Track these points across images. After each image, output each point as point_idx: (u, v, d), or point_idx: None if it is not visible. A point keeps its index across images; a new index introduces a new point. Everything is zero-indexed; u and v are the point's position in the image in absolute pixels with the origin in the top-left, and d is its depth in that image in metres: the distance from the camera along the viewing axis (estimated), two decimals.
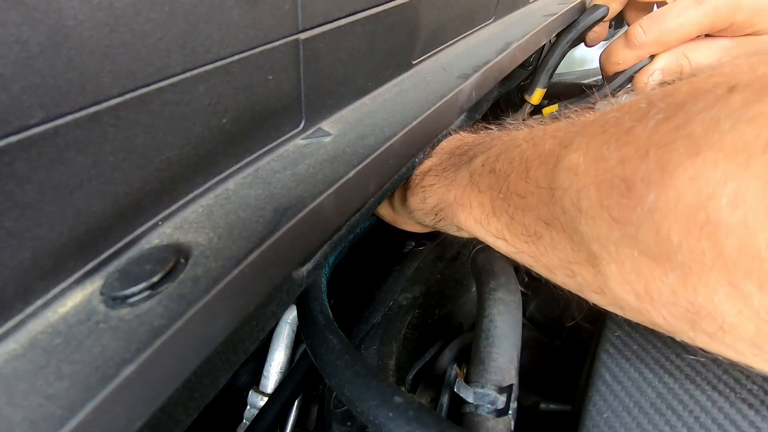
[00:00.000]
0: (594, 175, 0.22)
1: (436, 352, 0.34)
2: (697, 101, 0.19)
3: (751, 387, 0.25)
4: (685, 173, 0.18)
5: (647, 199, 0.19)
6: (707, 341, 0.21)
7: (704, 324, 0.20)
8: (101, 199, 0.16)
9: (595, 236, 0.22)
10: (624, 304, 0.23)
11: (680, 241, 0.18)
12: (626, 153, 0.21)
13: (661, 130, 0.19)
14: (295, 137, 0.26)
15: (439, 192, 0.36)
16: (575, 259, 0.25)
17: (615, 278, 0.22)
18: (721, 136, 0.17)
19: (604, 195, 0.21)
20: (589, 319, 0.39)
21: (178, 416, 0.19)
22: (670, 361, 0.27)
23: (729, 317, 0.18)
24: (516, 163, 0.29)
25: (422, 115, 0.30)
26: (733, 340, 0.19)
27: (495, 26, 0.49)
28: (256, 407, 0.44)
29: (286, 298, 0.25)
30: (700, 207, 0.17)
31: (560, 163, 0.24)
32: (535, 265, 0.29)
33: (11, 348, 0.15)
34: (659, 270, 0.20)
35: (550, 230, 0.26)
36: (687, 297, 0.19)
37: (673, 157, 0.18)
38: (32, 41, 0.13)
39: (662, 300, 0.21)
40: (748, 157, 0.16)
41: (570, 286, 0.27)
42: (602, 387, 0.27)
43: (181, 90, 0.18)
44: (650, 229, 0.19)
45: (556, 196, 0.24)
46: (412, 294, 0.44)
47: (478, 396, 0.26)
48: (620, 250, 0.21)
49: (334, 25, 0.25)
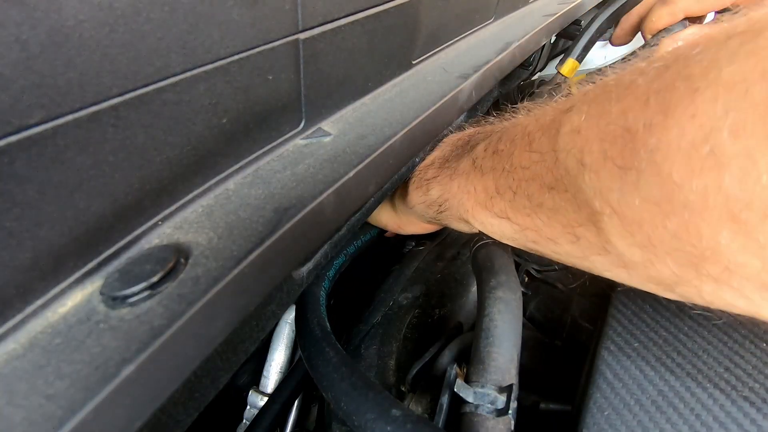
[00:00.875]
0: (596, 130, 0.22)
1: (436, 352, 0.34)
2: (695, 48, 0.19)
3: (753, 385, 0.25)
4: (686, 112, 0.18)
5: (650, 142, 0.19)
6: (714, 289, 0.21)
7: (709, 267, 0.20)
8: (101, 199, 0.16)
9: (597, 190, 0.23)
10: (627, 260, 0.24)
11: (683, 180, 0.18)
12: (627, 103, 0.21)
13: (661, 77, 0.20)
14: (295, 137, 0.26)
15: (441, 183, 0.36)
16: (577, 221, 0.25)
17: (617, 232, 0.23)
18: (719, 71, 0.17)
19: (608, 146, 0.22)
20: (589, 318, 0.39)
21: (178, 416, 0.19)
22: (671, 359, 0.27)
23: (734, 255, 0.18)
24: (518, 139, 0.29)
25: (422, 115, 0.30)
26: (740, 281, 0.19)
27: (495, 26, 0.49)
28: (256, 407, 0.44)
29: (287, 298, 0.25)
30: (703, 142, 0.17)
31: (562, 127, 0.25)
32: (538, 239, 0.29)
33: (11, 348, 0.15)
34: (661, 215, 0.20)
35: (553, 195, 0.26)
36: (690, 240, 0.19)
37: (673, 99, 0.19)
38: (32, 41, 0.13)
39: (665, 247, 0.21)
40: (747, 87, 0.16)
41: (572, 254, 0.28)
42: (603, 385, 0.27)
43: (181, 90, 0.18)
44: (653, 172, 0.19)
45: (560, 159, 0.25)
46: (412, 294, 0.44)
47: (478, 396, 0.26)
48: (622, 200, 0.21)
49: (334, 25, 0.25)
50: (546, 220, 0.28)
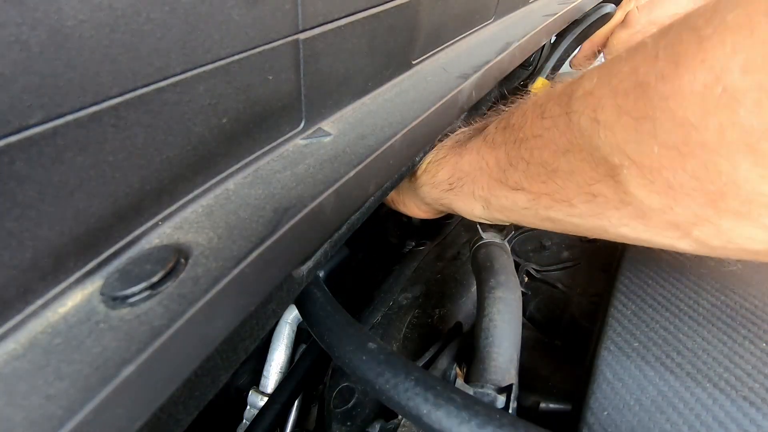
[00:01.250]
0: (609, 89, 0.23)
1: (436, 352, 0.34)
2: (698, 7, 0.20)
3: (752, 385, 0.25)
4: (695, 58, 0.19)
5: (662, 90, 0.20)
6: (733, 224, 0.22)
7: (729, 201, 0.21)
8: (101, 199, 0.16)
9: (614, 145, 0.23)
10: (646, 208, 0.24)
11: (698, 121, 0.19)
12: (637, 61, 0.22)
13: (668, 34, 0.21)
14: (295, 137, 0.26)
15: (451, 162, 0.37)
16: (594, 179, 0.26)
17: (636, 182, 0.23)
18: (723, 17, 0.18)
19: (621, 101, 0.22)
20: (588, 318, 0.39)
21: (178, 416, 0.19)
22: (671, 358, 0.27)
23: (753, 186, 0.19)
24: (530, 112, 0.30)
25: (422, 115, 0.30)
26: (761, 210, 0.20)
27: (495, 26, 0.49)
28: (256, 407, 0.44)
29: (287, 297, 0.25)
30: (715, 82, 0.18)
31: (575, 93, 0.26)
32: (552, 204, 0.30)
33: (11, 348, 0.15)
34: (679, 158, 0.21)
35: (568, 157, 0.27)
36: (710, 177, 0.20)
37: (682, 49, 0.20)
38: (32, 41, 0.13)
39: (685, 189, 0.21)
40: (752, 27, 0.17)
41: (588, 213, 0.28)
42: (603, 384, 0.27)
43: (181, 90, 0.18)
44: (668, 118, 0.20)
45: (573, 121, 0.26)
46: (412, 294, 0.44)
47: (478, 395, 0.26)
48: (640, 149, 0.22)
49: (334, 25, 0.25)
50: (562, 183, 0.28)
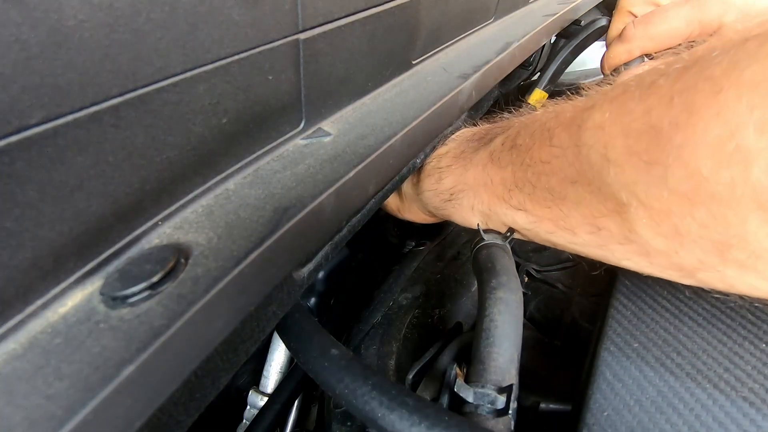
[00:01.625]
0: (620, 127, 0.23)
1: (436, 352, 0.34)
2: (713, 51, 0.20)
3: (752, 385, 0.25)
4: (710, 110, 0.19)
5: (676, 138, 0.20)
6: (737, 273, 0.22)
7: (735, 253, 0.21)
8: (101, 199, 0.16)
9: (624, 183, 0.23)
10: (651, 248, 0.24)
11: (710, 173, 0.19)
12: (651, 103, 0.22)
13: (683, 78, 0.21)
14: (295, 137, 0.26)
15: (456, 173, 0.36)
16: (601, 212, 0.26)
17: (644, 222, 0.23)
18: (741, 73, 0.18)
19: (633, 143, 0.22)
20: (589, 319, 0.39)
21: (178, 416, 0.19)
22: (671, 359, 0.27)
23: (760, 241, 0.19)
24: (538, 134, 0.30)
25: (422, 115, 0.30)
26: (765, 264, 0.20)
27: (495, 26, 0.49)
28: (256, 407, 0.44)
29: (287, 298, 0.25)
30: (729, 137, 0.18)
31: (585, 123, 0.25)
32: (554, 230, 0.30)
33: (11, 348, 0.15)
34: (689, 206, 0.21)
35: (576, 188, 0.27)
36: (717, 229, 0.20)
37: (697, 99, 0.20)
38: (32, 41, 0.13)
39: (692, 236, 0.22)
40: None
41: (590, 244, 0.28)
42: (603, 385, 0.27)
43: (181, 90, 0.18)
44: (680, 166, 0.20)
45: (582, 153, 0.25)
46: (412, 294, 0.44)
47: (478, 396, 0.26)
48: (649, 193, 0.22)
49: (334, 25, 0.25)
50: (567, 211, 0.28)
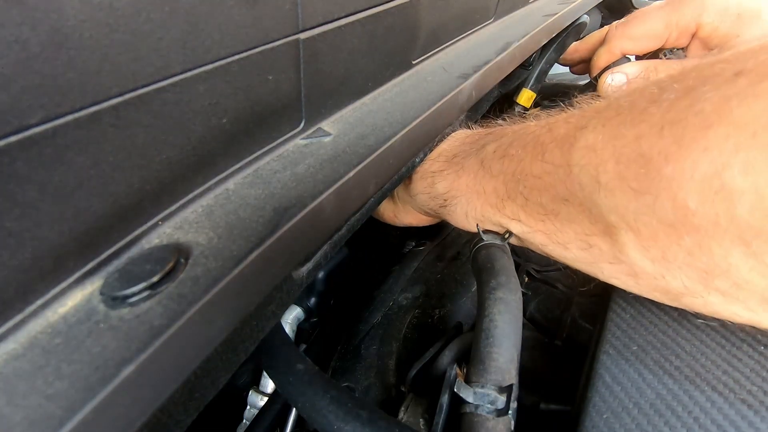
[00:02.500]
0: (612, 151, 0.23)
1: (436, 352, 0.34)
2: (705, 84, 0.20)
3: (750, 388, 0.25)
4: (699, 145, 0.19)
5: (665, 170, 0.21)
6: (720, 301, 0.22)
7: (718, 282, 0.21)
8: (101, 199, 0.16)
9: (614, 207, 0.24)
10: (639, 270, 0.25)
11: (697, 207, 0.20)
12: (642, 130, 0.22)
13: (674, 109, 0.21)
14: (295, 137, 0.26)
15: (448, 178, 0.36)
16: (592, 231, 0.26)
17: (633, 245, 0.24)
18: (730, 111, 0.19)
19: (623, 168, 0.23)
20: (589, 319, 0.39)
21: (178, 416, 0.19)
22: (669, 362, 0.27)
23: (742, 274, 0.20)
24: (530, 147, 0.30)
25: (422, 115, 0.30)
26: (746, 295, 0.21)
27: (495, 26, 0.49)
28: (256, 407, 0.44)
29: (286, 298, 0.25)
30: (715, 175, 0.19)
31: (577, 143, 0.26)
32: (547, 243, 0.30)
33: (11, 348, 0.15)
34: (676, 235, 0.21)
35: (568, 206, 0.27)
36: (702, 258, 0.21)
37: (687, 132, 0.20)
38: (32, 41, 0.13)
39: (678, 263, 0.22)
40: (756, 130, 0.18)
41: (581, 260, 0.29)
42: (602, 388, 0.27)
43: (181, 90, 0.18)
44: (668, 198, 0.21)
45: (573, 173, 0.26)
46: (412, 294, 0.44)
47: (478, 396, 0.26)
48: (639, 219, 0.23)
49: (334, 25, 0.25)
50: (559, 226, 0.29)
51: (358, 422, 0.24)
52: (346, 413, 0.25)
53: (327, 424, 0.25)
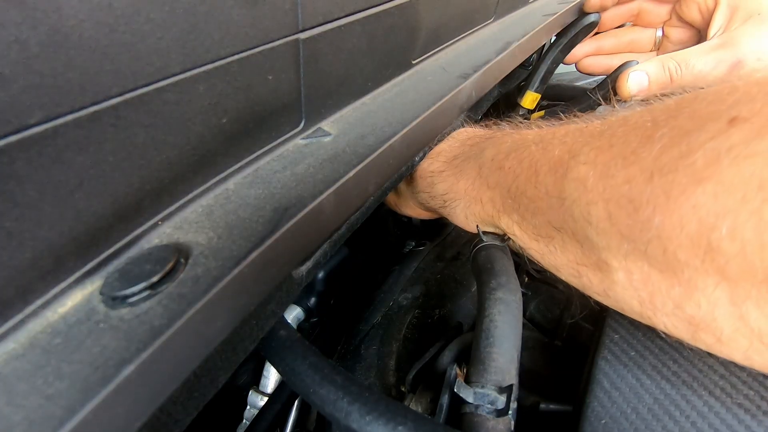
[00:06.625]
0: (602, 191, 0.23)
1: (436, 352, 0.34)
2: (700, 132, 0.20)
3: (748, 392, 0.24)
4: (687, 201, 0.19)
5: (653, 221, 0.20)
6: (707, 345, 0.22)
7: (703, 335, 0.21)
8: (101, 199, 0.16)
9: (606, 246, 0.23)
10: (626, 307, 0.25)
11: (687, 260, 0.20)
12: (632, 173, 0.22)
13: (665, 156, 0.21)
14: (295, 137, 0.26)
15: (448, 180, 0.36)
16: (584, 262, 0.26)
17: (622, 285, 0.23)
18: (720, 169, 0.18)
19: (612, 212, 0.22)
20: (589, 319, 0.39)
21: (178, 416, 0.19)
22: (667, 367, 0.27)
23: (726, 332, 0.20)
24: (525, 165, 0.30)
25: (422, 115, 0.30)
26: (729, 351, 0.21)
27: (495, 26, 0.49)
28: (256, 407, 0.44)
29: (286, 297, 0.25)
30: (702, 235, 0.19)
31: (569, 173, 0.25)
32: (541, 261, 0.30)
33: (11, 348, 0.15)
34: (666, 283, 0.21)
35: (561, 234, 0.27)
36: (690, 310, 0.21)
37: (676, 184, 0.20)
38: (32, 41, 0.13)
39: (665, 310, 0.22)
40: (744, 194, 0.17)
41: (573, 284, 0.28)
42: (600, 393, 0.27)
43: (181, 90, 0.18)
44: (658, 247, 0.20)
45: (565, 205, 0.25)
46: (412, 294, 0.44)
47: (478, 396, 0.26)
48: (630, 261, 0.22)
49: (334, 25, 0.25)
50: (552, 250, 0.28)
51: (332, 386, 0.26)
52: (322, 378, 0.26)
53: (304, 387, 0.27)
